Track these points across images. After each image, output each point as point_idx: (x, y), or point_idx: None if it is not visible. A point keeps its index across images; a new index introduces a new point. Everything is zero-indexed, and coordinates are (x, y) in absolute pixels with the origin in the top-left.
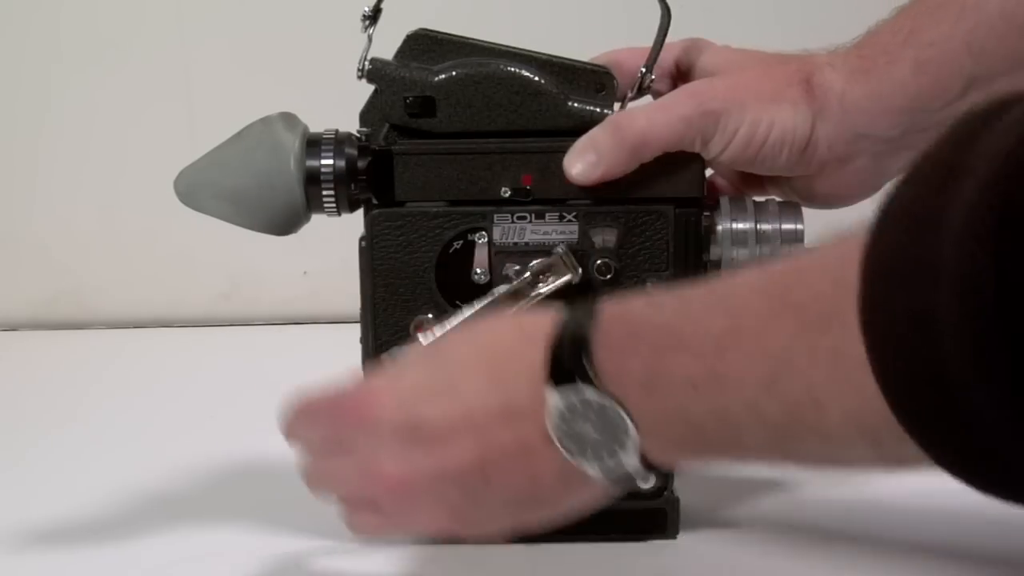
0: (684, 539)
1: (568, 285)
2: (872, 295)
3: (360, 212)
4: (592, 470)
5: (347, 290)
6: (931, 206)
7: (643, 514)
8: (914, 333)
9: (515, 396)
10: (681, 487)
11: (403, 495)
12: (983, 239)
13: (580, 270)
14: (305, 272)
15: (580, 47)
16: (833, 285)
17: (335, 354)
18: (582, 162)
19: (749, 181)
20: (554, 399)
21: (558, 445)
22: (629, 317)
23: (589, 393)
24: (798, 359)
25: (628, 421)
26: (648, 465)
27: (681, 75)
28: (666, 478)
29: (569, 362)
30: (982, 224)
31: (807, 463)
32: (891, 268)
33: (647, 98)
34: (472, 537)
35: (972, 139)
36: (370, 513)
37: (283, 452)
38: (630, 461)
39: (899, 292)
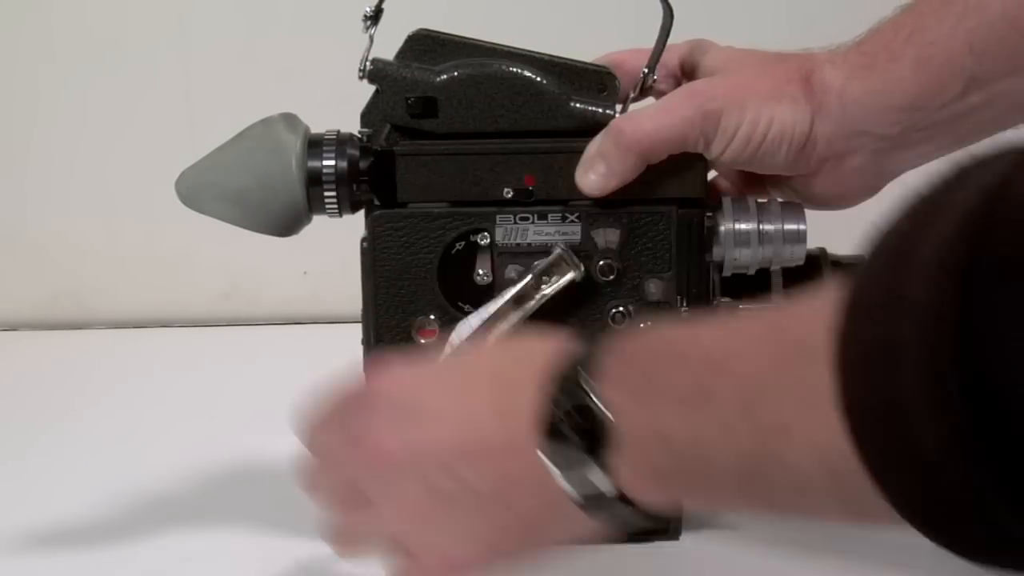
0: (687, 540)
1: (572, 283)
2: (843, 325)
3: (360, 212)
4: (566, 483)
5: (347, 290)
6: (909, 241)
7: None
8: (875, 362)
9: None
10: None
11: (426, 523)
12: (952, 272)
13: (582, 267)
14: (305, 272)
15: (581, 47)
16: (818, 318)
17: (335, 354)
18: (594, 174)
19: (750, 182)
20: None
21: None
22: (643, 334)
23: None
24: (775, 386)
25: (612, 431)
26: (619, 490)
27: (685, 75)
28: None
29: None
30: (953, 257)
31: (771, 506)
32: (863, 299)
33: (649, 98)
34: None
35: (961, 179)
36: (404, 557)
37: (283, 452)
38: (602, 480)
39: (867, 322)
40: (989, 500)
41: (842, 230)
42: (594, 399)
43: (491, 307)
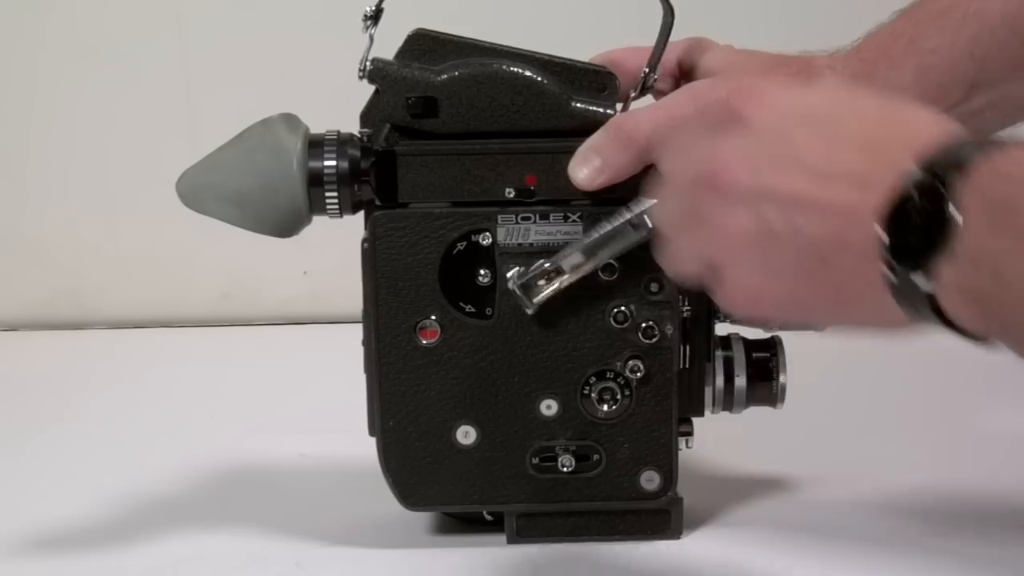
0: (688, 539)
1: (575, 281)
2: None
3: (360, 212)
4: (887, 264)
5: (347, 290)
6: None
7: (647, 514)
8: None
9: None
10: (684, 488)
11: (746, 255)
12: None
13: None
14: (305, 272)
15: (581, 47)
16: None
17: (335, 354)
18: (587, 167)
19: None
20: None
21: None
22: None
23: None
24: None
25: (954, 235)
26: (934, 302)
27: (684, 74)
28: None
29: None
30: None
31: None
32: None
33: (648, 98)
34: (774, 312)
35: None
36: (714, 282)
37: (283, 453)
38: (922, 278)
39: None
40: None
41: None
42: (952, 197)
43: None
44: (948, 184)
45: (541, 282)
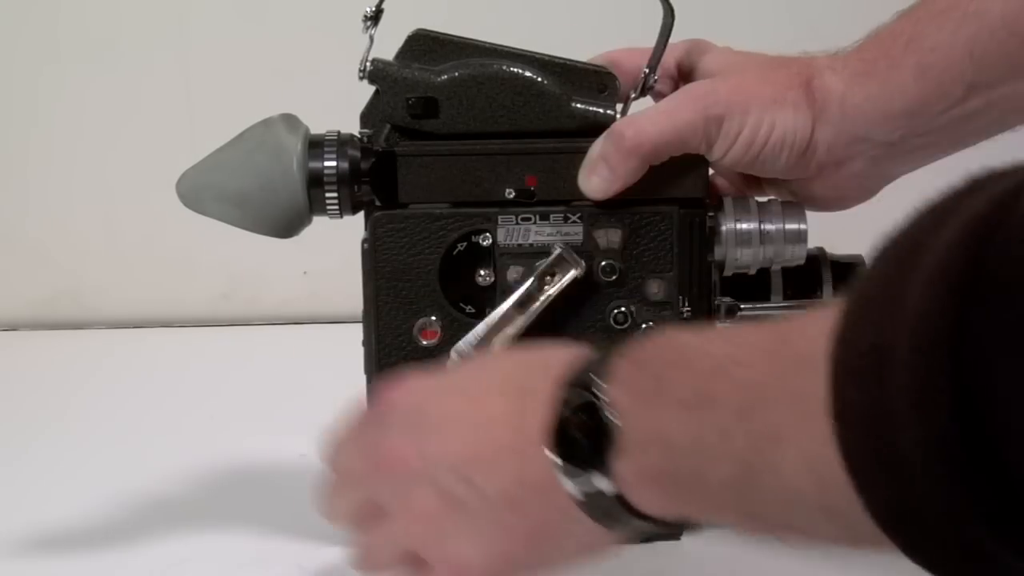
0: (688, 540)
1: (575, 282)
2: (841, 330)
3: (360, 212)
4: (569, 482)
5: (347, 290)
6: (913, 248)
7: None
8: (868, 366)
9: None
10: None
11: (439, 530)
12: (952, 280)
13: (583, 264)
14: (305, 272)
15: (581, 47)
16: (821, 326)
17: (335, 354)
18: (597, 177)
19: (748, 182)
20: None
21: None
22: (655, 339)
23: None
24: (772, 393)
25: (616, 433)
26: (619, 494)
27: (683, 76)
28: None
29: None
30: (954, 265)
31: (764, 521)
32: (862, 304)
33: (648, 98)
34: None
35: (972, 190)
36: (420, 570)
37: (283, 453)
38: (603, 480)
39: (864, 326)
40: (965, 515)
41: (841, 230)
42: (601, 399)
43: (496, 313)
44: (596, 391)
45: None
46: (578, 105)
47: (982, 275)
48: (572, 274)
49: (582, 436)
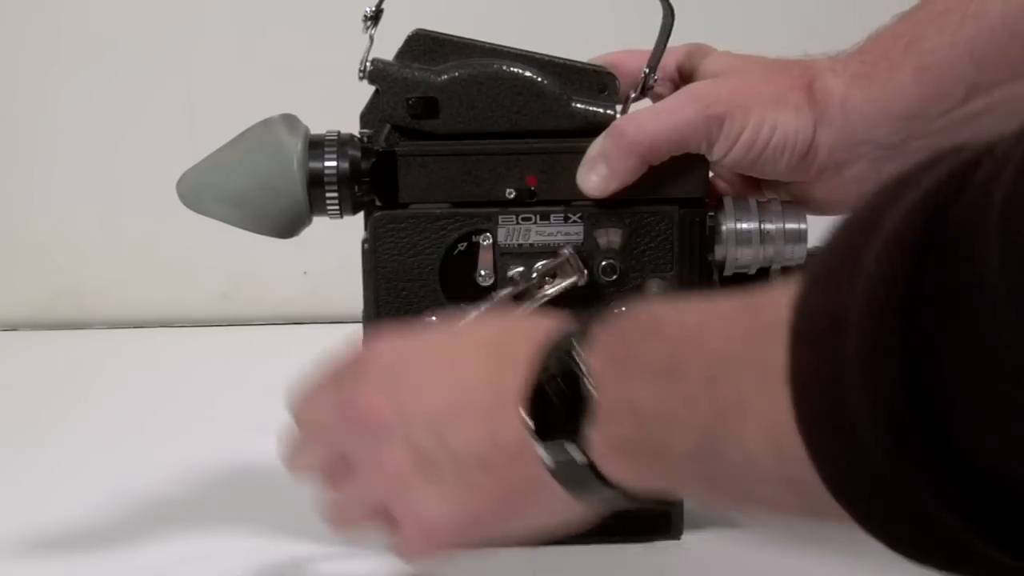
0: (688, 540)
1: (574, 287)
2: (800, 296)
3: (360, 212)
4: (541, 448)
5: (347, 290)
6: (873, 216)
7: (647, 515)
8: (822, 330)
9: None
10: None
11: (408, 486)
12: (907, 245)
13: (586, 272)
14: (305, 272)
15: (581, 47)
16: (786, 295)
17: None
18: (596, 175)
19: (748, 183)
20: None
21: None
22: (634, 309)
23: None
24: (737, 362)
25: (591, 401)
26: (590, 463)
27: (683, 79)
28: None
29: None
30: (910, 231)
31: (726, 491)
32: (822, 271)
33: (648, 99)
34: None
35: (935, 162)
36: (390, 527)
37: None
38: (575, 448)
39: (822, 292)
40: (914, 482)
41: None
42: (580, 366)
43: (488, 304)
44: (576, 358)
45: None
46: (578, 105)
47: (935, 242)
48: (572, 281)
49: (558, 402)
